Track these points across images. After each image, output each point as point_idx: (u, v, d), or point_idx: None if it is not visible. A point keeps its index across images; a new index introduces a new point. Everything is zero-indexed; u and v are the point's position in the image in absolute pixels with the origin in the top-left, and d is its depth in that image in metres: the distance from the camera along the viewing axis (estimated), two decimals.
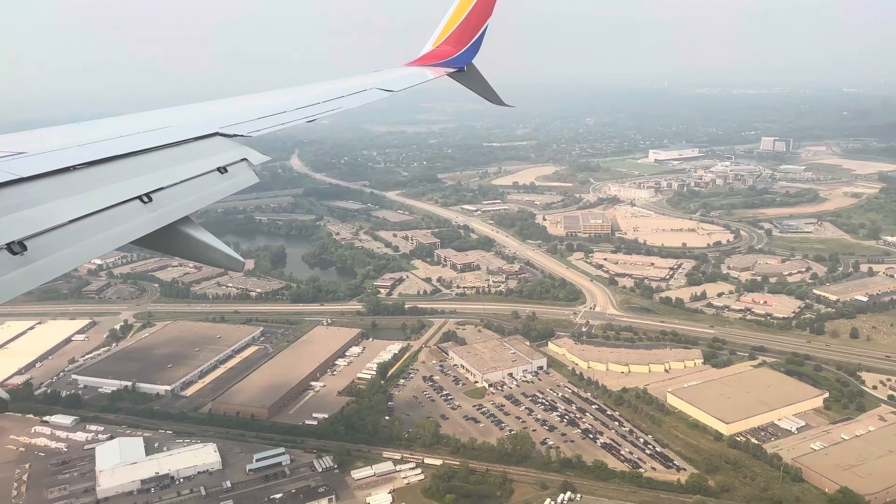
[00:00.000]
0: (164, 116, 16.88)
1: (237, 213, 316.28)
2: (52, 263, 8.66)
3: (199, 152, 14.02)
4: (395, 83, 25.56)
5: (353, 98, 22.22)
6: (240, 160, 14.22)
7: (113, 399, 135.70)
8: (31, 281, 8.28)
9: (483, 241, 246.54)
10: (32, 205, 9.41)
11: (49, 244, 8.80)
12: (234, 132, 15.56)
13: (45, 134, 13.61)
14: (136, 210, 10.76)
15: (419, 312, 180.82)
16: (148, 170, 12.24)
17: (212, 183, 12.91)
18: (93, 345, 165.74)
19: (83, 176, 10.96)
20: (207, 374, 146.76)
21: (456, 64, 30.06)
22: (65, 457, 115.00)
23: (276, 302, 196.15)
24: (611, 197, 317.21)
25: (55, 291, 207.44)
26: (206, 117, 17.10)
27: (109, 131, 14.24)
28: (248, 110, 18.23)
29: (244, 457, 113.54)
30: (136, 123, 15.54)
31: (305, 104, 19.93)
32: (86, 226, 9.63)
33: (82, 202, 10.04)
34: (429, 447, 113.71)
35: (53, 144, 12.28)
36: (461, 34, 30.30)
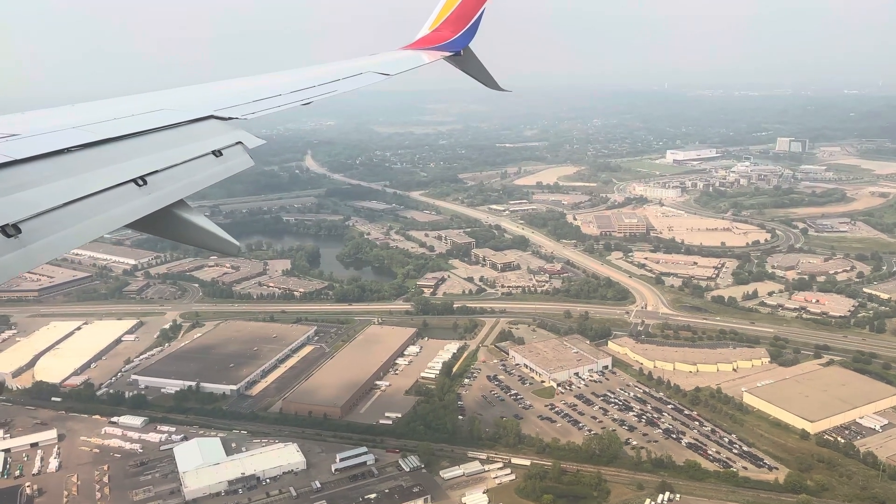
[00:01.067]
0: (158, 99, 16.59)
1: (262, 213, 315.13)
2: (47, 246, 8.54)
3: (194, 135, 13.85)
4: (391, 67, 25.14)
5: (348, 81, 21.84)
6: (235, 143, 14.06)
7: (178, 399, 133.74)
8: (26, 263, 8.16)
9: (518, 240, 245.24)
10: (27, 187, 9.22)
11: (44, 227, 8.68)
12: (229, 115, 15.33)
13: (40, 116, 13.36)
14: (131, 193, 10.60)
15: (468, 312, 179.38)
16: (143, 153, 12.07)
17: (207, 166, 12.83)
18: (144, 345, 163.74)
19: (78, 158, 10.80)
20: (269, 374, 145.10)
21: (452, 48, 29.57)
22: (142, 458, 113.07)
23: (321, 301, 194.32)
24: (637, 197, 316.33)
25: (94, 291, 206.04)
26: (200, 100, 16.91)
27: (104, 114, 13.92)
28: (243, 93, 17.98)
29: (326, 456, 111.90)
30: (130, 106, 15.25)
31: (300, 87, 19.64)
32: (80, 209, 9.49)
33: (77, 185, 9.89)
34: (512, 447, 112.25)
35: (48, 126, 12.08)
36: (458, 18, 29.86)
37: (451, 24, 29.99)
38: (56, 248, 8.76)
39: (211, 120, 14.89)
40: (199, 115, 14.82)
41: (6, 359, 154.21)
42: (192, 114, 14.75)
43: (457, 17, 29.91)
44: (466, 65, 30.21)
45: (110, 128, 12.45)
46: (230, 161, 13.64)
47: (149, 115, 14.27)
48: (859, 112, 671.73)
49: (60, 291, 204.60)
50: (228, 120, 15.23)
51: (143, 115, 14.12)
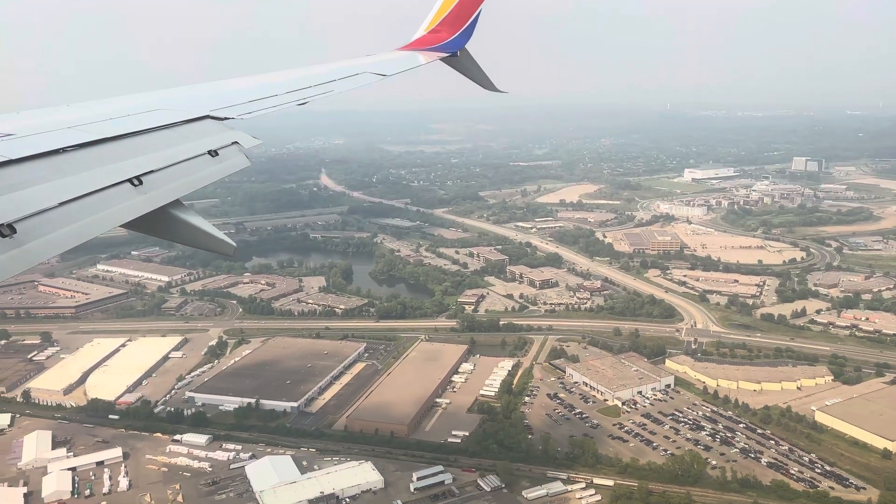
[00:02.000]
0: (154, 99, 16.60)
1: (288, 230, 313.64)
2: (42, 246, 8.49)
3: (190, 135, 13.84)
4: (388, 67, 25.11)
5: (345, 82, 21.82)
6: (231, 143, 14.02)
7: (238, 416, 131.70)
8: (21, 263, 8.10)
9: (551, 258, 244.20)
10: (21, 187, 9.17)
11: (39, 227, 8.63)
12: (225, 115, 15.35)
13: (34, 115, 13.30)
14: (126, 193, 10.57)
15: (515, 329, 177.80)
16: (138, 152, 12.05)
17: (203, 166, 12.75)
18: (192, 362, 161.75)
19: (73, 158, 10.79)
20: (326, 390, 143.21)
21: (449, 49, 29.46)
22: (212, 476, 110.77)
23: (363, 318, 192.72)
24: (663, 214, 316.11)
25: (131, 308, 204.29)
26: (196, 100, 16.88)
27: (99, 113, 13.86)
28: (239, 93, 18.00)
29: (402, 475, 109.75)
30: (126, 106, 15.23)
31: (297, 88, 19.62)
32: (76, 208, 9.44)
33: (72, 185, 9.86)
34: (591, 467, 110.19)
35: (43, 126, 12.05)
36: (454, 19, 29.78)
37: (447, 25, 29.93)
38: (51, 248, 8.66)
39: (207, 120, 14.89)
40: (195, 115, 14.83)
41: (55, 376, 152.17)
42: (188, 114, 14.76)
43: (453, 18, 29.86)
44: (463, 66, 30.10)
45: (106, 128, 12.40)
46: (226, 161, 13.49)
47: (145, 115, 14.25)
48: (868, 132, 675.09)
49: (97, 308, 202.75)
50: (224, 120, 15.19)
51: (138, 115, 14.08)
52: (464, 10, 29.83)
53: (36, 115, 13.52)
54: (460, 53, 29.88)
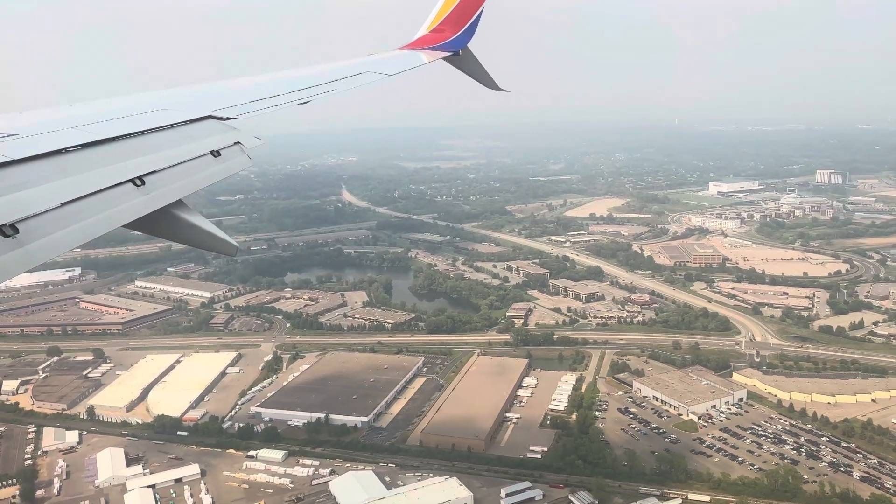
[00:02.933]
0: (157, 99, 16.54)
1: (320, 245, 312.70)
2: (45, 246, 8.48)
3: (193, 135, 13.80)
4: (390, 67, 25.02)
5: (347, 81, 21.73)
6: (233, 144, 13.93)
7: (310, 432, 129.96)
8: (24, 264, 8.11)
9: (592, 271, 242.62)
10: (24, 187, 9.15)
11: (41, 227, 8.61)
12: (228, 115, 15.30)
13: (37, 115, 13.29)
14: (129, 193, 10.55)
15: (570, 342, 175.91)
16: (141, 153, 12.02)
17: (205, 166, 12.71)
18: (250, 377, 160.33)
19: (76, 158, 10.78)
20: (391, 405, 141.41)
21: (451, 48, 29.30)
22: (296, 493, 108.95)
23: (412, 332, 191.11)
24: (697, 228, 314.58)
25: (177, 324, 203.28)
26: (199, 100, 16.84)
27: (102, 114, 13.79)
28: (242, 93, 17.92)
29: (488, 491, 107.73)
30: (129, 106, 15.18)
31: (299, 87, 19.46)
32: (78, 209, 9.41)
33: (75, 185, 9.84)
34: (682, 482, 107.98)
35: (46, 126, 12.03)
36: (456, 18, 29.64)
37: (449, 24, 29.75)
38: (54, 248, 8.65)
39: (209, 120, 14.86)
40: (198, 115, 14.81)
41: (115, 393, 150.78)
42: (191, 114, 14.73)
43: (456, 17, 29.68)
44: (465, 65, 29.88)
45: (108, 128, 12.35)
46: (228, 161, 13.44)
47: (147, 115, 14.20)
48: (884, 146, 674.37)
49: (144, 324, 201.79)
50: (227, 120, 15.15)
51: (141, 116, 14.02)
52: (466, 10, 29.64)
53: (38, 115, 13.49)
54: (462, 52, 29.66)
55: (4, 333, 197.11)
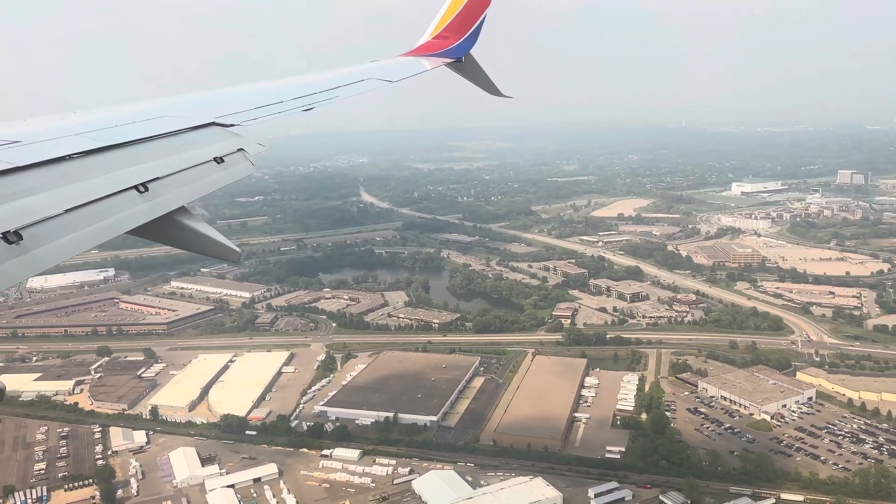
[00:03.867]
0: (160, 106, 16.67)
1: (349, 246, 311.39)
2: (49, 253, 8.51)
3: (196, 142, 13.84)
4: (393, 73, 25.10)
5: (350, 88, 21.85)
6: (236, 150, 13.98)
7: (380, 430, 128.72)
8: (28, 270, 8.15)
9: (632, 271, 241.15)
10: (28, 194, 9.19)
11: (45, 233, 8.65)
12: (231, 122, 15.36)
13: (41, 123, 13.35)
14: (132, 200, 10.59)
15: (623, 342, 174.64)
16: (144, 159, 12.06)
17: (208, 173, 12.73)
18: (306, 376, 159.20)
19: (79, 165, 10.81)
20: (455, 404, 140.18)
21: (453, 54, 29.40)
22: (379, 492, 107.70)
23: (460, 332, 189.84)
24: (728, 228, 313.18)
25: (221, 325, 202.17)
26: (202, 107, 16.95)
27: (105, 120, 13.97)
28: (245, 100, 18.06)
29: (574, 491, 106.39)
30: (132, 113, 15.26)
31: (302, 94, 19.55)
32: (82, 215, 9.44)
33: (78, 191, 9.86)
34: (771, 482, 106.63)
35: (49, 133, 12.10)
36: (459, 24, 29.75)
37: (452, 30, 29.80)
38: (57, 255, 8.65)
39: (212, 127, 14.90)
40: (201, 121, 14.85)
41: (174, 392, 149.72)
42: (194, 121, 14.78)
43: (458, 23, 29.71)
44: (468, 71, 29.94)
45: (112, 135, 12.43)
46: (232, 168, 13.42)
47: (150, 121, 14.23)
48: None
49: (188, 324, 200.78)
50: (230, 127, 15.19)
51: (144, 122, 14.07)
52: (469, 16, 29.65)
53: (42, 121, 13.55)
54: (465, 59, 29.67)
55: (49, 334, 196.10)
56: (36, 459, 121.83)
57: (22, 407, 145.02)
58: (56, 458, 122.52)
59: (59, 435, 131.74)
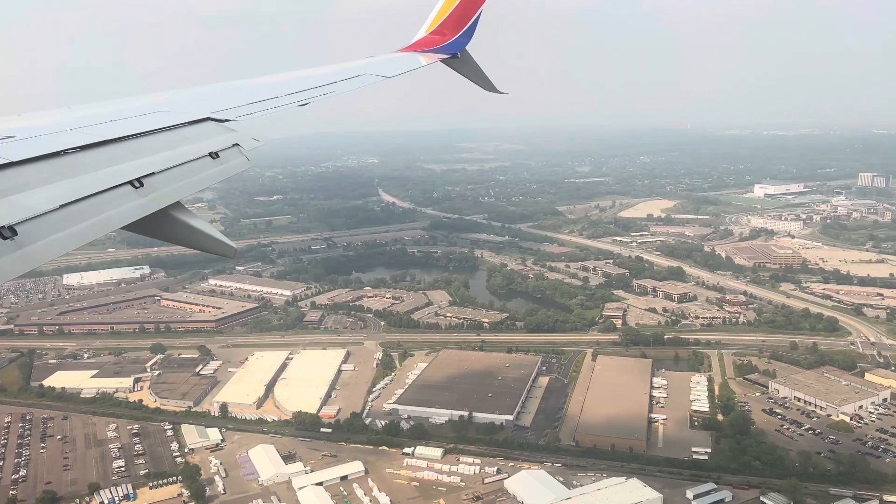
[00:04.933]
0: (155, 101, 16.57)
1: (379, 245, 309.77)
2: (43, 248, 8.46)
3: (191, 137, 13.82)
4: (389, 69, 25.09)
5: (346, 83, 21.77)
6: (232, 146, 13.93)
7: (457, 429, 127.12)
8: (22, 265, 8.08)
9: (674, 271, 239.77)
10: (22, 189, 9.16)
11: (40, 229, 8.59)
12: (226, 117, 15.35)
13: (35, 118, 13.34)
14: (127, 195, 10.54)
15: (680, 343, 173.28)
16: (139, 154, 12.01)
17: (203, 168, 12.72)
18: (366, 374, 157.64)
19: (74, 160, 10.78)
20: (526, 403, 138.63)
21: (449, 50, 29.43)
22: (472, 492, 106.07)
23: (511, 332, 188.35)
24: (760, 229, 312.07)
25: (267, 322, 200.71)
26: (197, 102, 16.91)
27: (101, 116, 13.84)
28: (240, 95, 17.96)
29: (670, 493, 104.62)
30: (127, 108, 15.24)
31: (297, 89, 19.47)
32: (77, 211, 9.40)
33: (73, 187, 9.82)
34: (871, 483, 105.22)
35: (44, 128, 12.07)
36: (455, 20, 29.76)
37: (448, 26, 29.82)
38: (52, 250, 8.59)
39: (208, 122, 14.93)
40: (196, 117, 14.88)
41: (238, 389, 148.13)
42: (189, 116, 14.80)
43: (454, 19, 29.72)
44: (463, 67, 29.99)
45: (107, 130, 12.40)
46: (227, 163, 13.39)
47: (146, 117, 14.25)
48: None
49: (236, 322, 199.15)
50: (225, 122, 15.21)
51: (139, 118, 14.07)
52: (465, 12, 29.66)
53: (37, 117, 13.50)
54: (461, 55, 29.71)
55: (96, 331, 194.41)
56: (112, 457, 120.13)
57: (85, 404, 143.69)
58: (133, 455, 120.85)
59: (129, 432, 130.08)
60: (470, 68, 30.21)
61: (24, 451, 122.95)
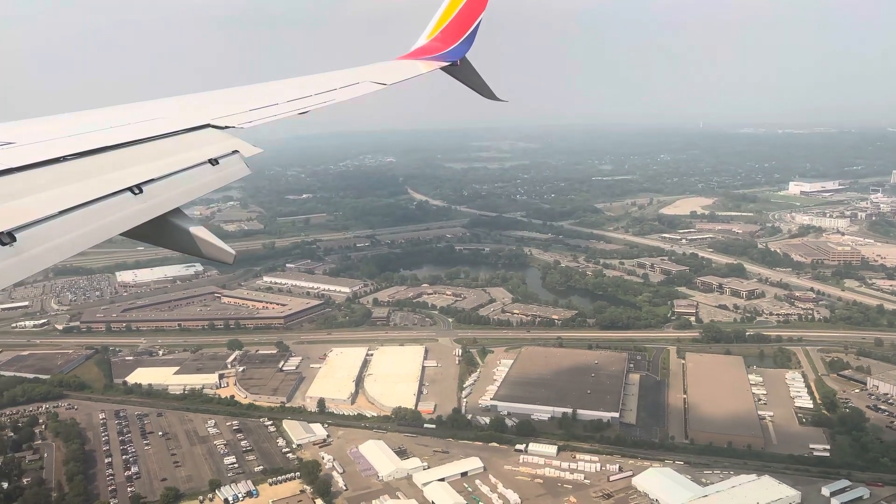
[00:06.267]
0: (155, 108, 16.64)
1: (422, 242, 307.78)
2: (43, 254, 8.43)
3: (191, 144, 13.81)
4: (388, 76, 25.14)
5: (345, 91, 21.80)
6: (231, 152, 13.92)
7: (563, 426, 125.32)
8: (21, 271, 8.05)
9: (734, 268, 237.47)
10: (22, 195, 9.16)
11: (39, 235, 8.54)
12: (226, 124, 15.31)
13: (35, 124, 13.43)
14: (126, 201, 10.47)
15: (762, 339, 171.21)
16: (139, 161, 12.01)
17: (203, 174, 12.71)
18: (451, 371, 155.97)
19: (73, 166, 10.76)
20: (625, 401, 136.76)
21: (449, 58, 29.39)
22: (601, 490, 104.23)
23: (584, 329, 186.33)
24: (807, 225, 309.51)
25: (334, 319, 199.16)
26: (197, 109, 16.96)
27: (100, 122, 13.96)
28: (240, 102, 17.99)
29: (802, 489, 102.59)
30: (126, 115, 15.28)
31: (297, 97, 19.56)
32: (76, 217, 9.34)
33: (72, 193, 9.80)
34: None
35: (43, 135, 12.20)
36: (455, 28, 29.80)
37: (448, 34, 29.80)
38: (51, 256, 8.58)
39: (207, 129, 14.82)
40: (196, 123, 14.80)
41: (327, 385, 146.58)
42: (189, 122, 14.74)
43: (454, 27, 29.72)
44: (463, 75, 29.86)
45: (106, 136, 12.39)
46: (226, 170, 13.32)
47: (145, 123, 14.25)
48: None
49: (304, 318, 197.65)
50: (225, 129, 15.10)
51: (139, 124, 14.09)
52: (465, 19, 29.63)
53: (37, 123, 13.58)
54: (461, 62, 29.63)
55: (164, 328, 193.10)
56: (221, 453, 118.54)
57: (176, 400, 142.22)
58: (241, 451, 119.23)
59: (230, 428, 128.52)
60: (470, 76, 30.07)
61: (128, 447, 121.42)
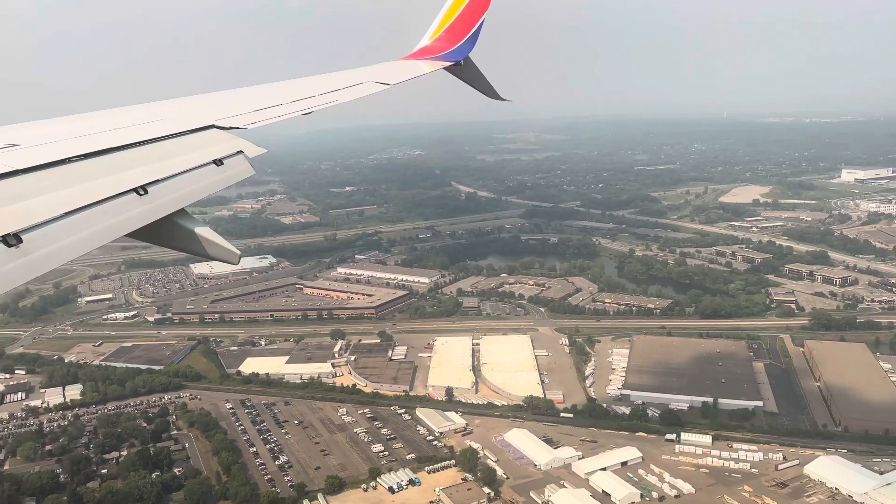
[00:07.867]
0: (159, 109, 16.60)
1: (484, 233, 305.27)
2: (49, 255, 8.48)
3: (195, 145, 13.72)
4: (391, 76, 25.01)
5: (348, 91, 21.67)
6: (236, 153, 13.87)
7: (705, 415, 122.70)
8: (27, 273, 8.07)
9: (817, 255, 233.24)
10: (27, 197, 9.18)
11: (44, 236, 8.59)
12: (230, 125, 15.22)
13: (41, 126, 13.51)
14: (131, 202, 10.45)
15: (873, 327, 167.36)
16: (143, 162, 11.97)
17: (208, 175, 12.65)
18: (563, 360, 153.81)
19: (78, 168, 10.76)
20: (759, 389, 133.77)
21: (452, 58, 29.32)
22: (772, 478, 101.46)
23: (684, 318, 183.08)
24: (876, 212, 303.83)
25: (422, 309, 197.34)
26: (201, 110, 16.89)
27: (105, 124, 13.86)
28: (244, 103, 17.83)
29: None
30: (131, 116, 15.27)
31: (301, 97, 19.47)
32: (81, 218, 9.35)
33: (78, 194, 9.81)
34: None
35: (49, 136, 12.19)
36: (458, 28, 29.77)
37: (451, 33, 29.81)
38: (57, 258, 8.60)
39: (212, 129, 14.67)
40: (200, 124, 14.63)
41: (445, 374, 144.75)
42: (194, 123, 14.56)
43: (457, 26, 29.73)
44: (466, 74, 29.81)
45: (111, 138, 12.31)
46: (231, 170, 13.16)
47: (150, 124, 14.08)
48: None
49: (394, 308, 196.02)
50: (229, 129, 14.93)
51: (144, 125, 13.96)
52: (468, 19, 29.65)
53: (42, 125, 13.62)
54: (464, 62, 29.60)
55: (256, 318, 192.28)
56: (365, 441, 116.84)
57: (298, 389, 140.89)
58: (385, 439, 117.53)
59: (364, 416, 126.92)
60: (473, 75, 30.01)
61: (268, 437, 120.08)
